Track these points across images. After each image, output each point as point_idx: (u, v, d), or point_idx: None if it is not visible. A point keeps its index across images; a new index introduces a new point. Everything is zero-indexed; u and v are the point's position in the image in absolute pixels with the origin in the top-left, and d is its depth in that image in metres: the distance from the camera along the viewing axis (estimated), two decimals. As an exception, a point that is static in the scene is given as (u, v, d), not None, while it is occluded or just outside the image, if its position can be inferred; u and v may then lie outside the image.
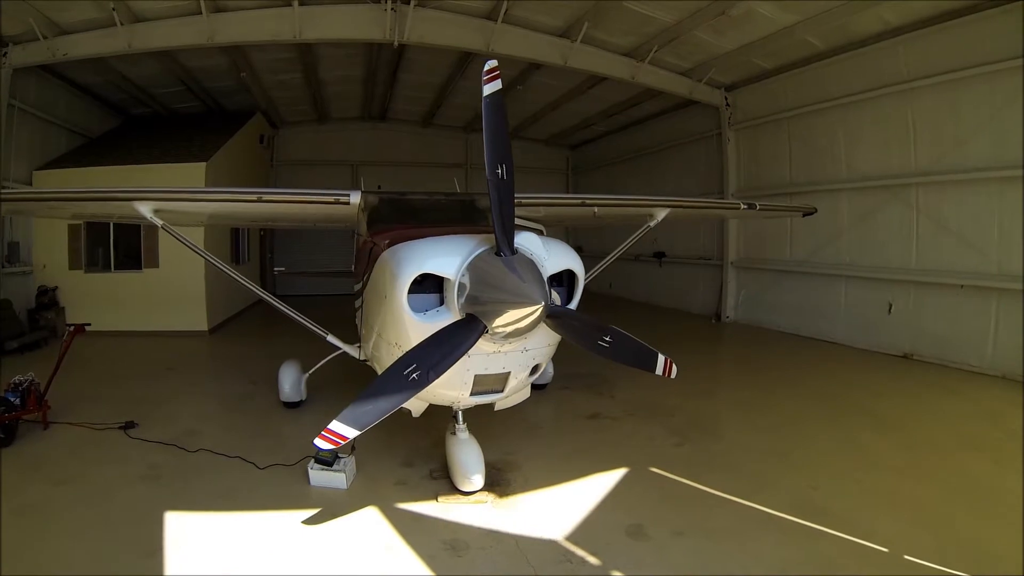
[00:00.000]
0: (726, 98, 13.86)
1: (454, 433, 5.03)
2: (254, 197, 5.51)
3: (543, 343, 4.07)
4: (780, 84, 12.13)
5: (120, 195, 5.31)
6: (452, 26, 9.84)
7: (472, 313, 3.43)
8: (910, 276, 9.83)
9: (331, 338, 6.08)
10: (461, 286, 3.54)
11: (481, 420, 5.10)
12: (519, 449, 5.72)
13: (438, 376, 3.34)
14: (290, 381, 6.85)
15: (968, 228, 8.94)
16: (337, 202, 5.79)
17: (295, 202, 5.88)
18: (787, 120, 12.33)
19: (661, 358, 4.19)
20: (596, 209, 7.66)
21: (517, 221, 5.98)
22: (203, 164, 10.84)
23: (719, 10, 9.22)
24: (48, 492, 4.60)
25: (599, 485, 4.99)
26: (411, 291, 3.67)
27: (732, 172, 14.08)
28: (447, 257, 3.60)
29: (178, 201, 5.66)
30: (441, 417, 5.13)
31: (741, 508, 4.60)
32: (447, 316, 3.60)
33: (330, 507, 4.45)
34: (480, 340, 3.45)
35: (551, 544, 4.05)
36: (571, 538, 4.11)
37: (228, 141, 12.64)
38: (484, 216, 6.31)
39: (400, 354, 3.71)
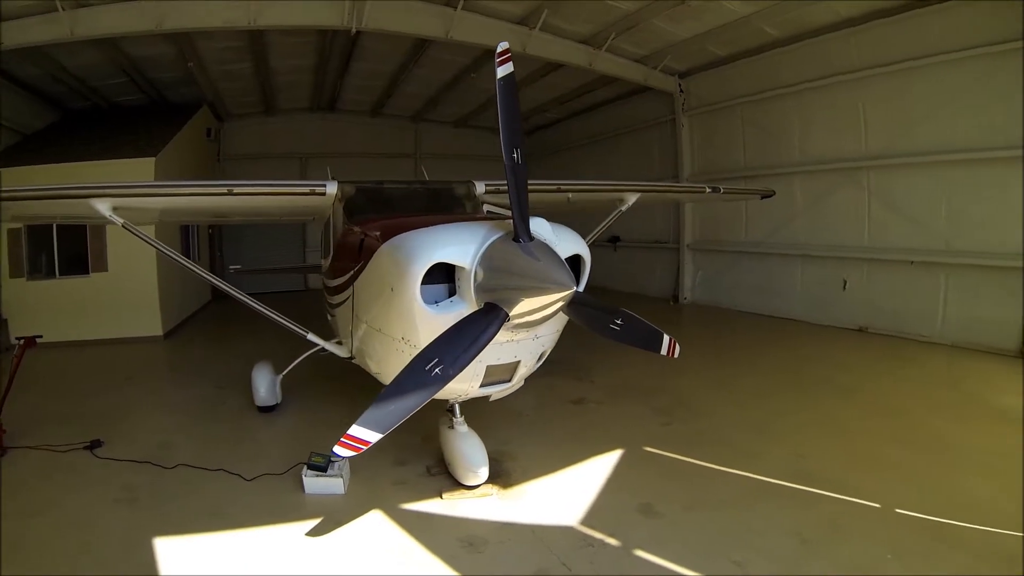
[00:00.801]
0: (680, 85, 14.36)
1: (452, 427, 5.05)
2: (224, 190, 5.31)
3: (551, 329, 4.10)
4: (734, 71, 12.68)
5: (75, 192, 5.03)
6: (411, 13, 9.75)
7: (491, 302, 3.36)
8: (863, 254, 10.59)
9: (311, 336, 6.01)
10: (475, 274, 3.49)
11: (469, 412, 5.10)
12: (511, 439, 5.82)
13: (461, 369, 3.26)
14: (265, 384, 6.68)
15: (917, 208, 9.72)
16: (313, 192, 5.76)
17: (269, 194, 5.74)
18: (741, 106, 12.91)
19: (666, 338, 4.38)
20: (570, 195, 7.89)
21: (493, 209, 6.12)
22: (152, 160, 10.32)
23: (680, -1, 9.55)
24: (21, 526, 4.25)
25: (599, 468, 5.17)
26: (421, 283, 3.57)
27: (687, 157, 14.65)
28: (461, 245, 3.52)
29: (140, 197, 5.39)
30: (425, 411, 5.09)
31: (738, 479, 4.90)
32: (462, 306, 3.55)
33: (332, 515, 4.35)
34: None
35: (568, 530, 4.15)
36: (585, 522, 4.24)
37: (176, 135, 12.09)
38: (462, 204, 6.36)
39: (408, 349, 3.73)
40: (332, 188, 5.76)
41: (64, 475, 5.13)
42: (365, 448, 3.18)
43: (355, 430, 3.16)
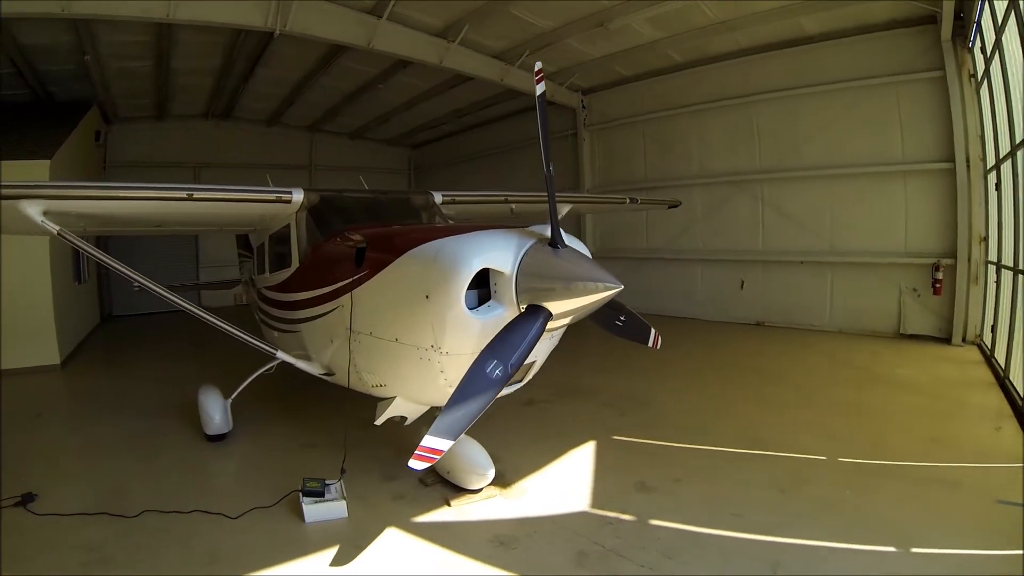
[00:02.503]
0: (582, 101, 15.77)
1: None
2: (183, 195, 5.09)
3: (562, 330, 4.39)
4: (637, 90, 14.26)
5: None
6: (336, 19, 9.84)
7: (533, 303, 3.67)
8: (758, 257, 12.46)
9: (280, 354, 5.94)
10: (515, 279, 3.73)
11: (417, 423, 5.17)
12: (484, 442, 6.09)
13: (517, 368, 3.54)
14: (219, 410, 6.45)
15: (806, 216, 11.75)
16: (279, 200, 5.74)
17: (233, 200, 5.56)
18: (642, 122, 14.51)
19: (652, 332, 5.14)
20: (513, 206, 8.60)
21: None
22: (47, 162, 9.29)
23: (598, 22, 10.70)
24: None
25: (581, 458, 5.79)
26: None
27: (587, 170, 16.05)
28: (501, 252, 3.72)
29: (82, 200, 4.88)
30: (388, 426, 5.13)
31: (704, 452, 5.82)
32: (500, 310, 3.74)
33: (347, 540, 4.29)
34: None
35: (584, 515, 4.66)
36: (595, 506, 4.80)
37: (70, 136, 11.03)
38: (420, 213, 6.67)
39: (436, 356, 3.96)
40: (299, 196, 5.80)
41: (5, 541, 4.33)
42: (438, 458, 3.37)
43: (428, 440, 3.34)
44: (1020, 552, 3.76)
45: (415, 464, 3.34)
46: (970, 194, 9.56)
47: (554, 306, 3.64)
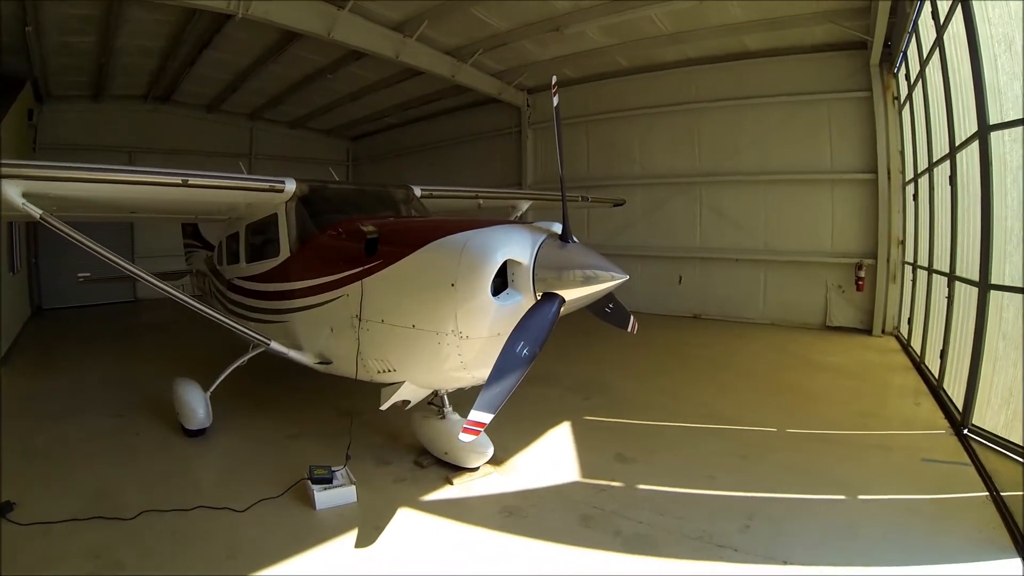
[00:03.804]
0: (528, 100, 16.40)
1: (443, 416, 5.74)
2: (178, 180, 5.13)
3: None
4: (583, 92, 15.00)
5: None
6: (298, 6, 9.80)
7: (548, 291, 4.13)
8: (696, 254, 13.57)
9: (274, 344, 5.96)
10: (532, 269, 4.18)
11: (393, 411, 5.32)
12: None
13: (541, 347, 3.97)
14: (202, 403, 6.35)
15: (742, 217, 12.96)
16: (272, 189, 5.85)
17: (227, 188, 5.62)
18: (586, 123, 15.29)
19: (631, 319, 5.78)
20: (481, 201, 9.09)
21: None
22: None
23: (555, 27, 11.30)
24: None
25: (559, 437, 6.34)
26: None
27: (530, 166, 16.74)
28: (521, 245, 4.14)
29: (68, 182, 4.74)
30: (374, 416, 5.41)
31: (670, 427, 6.58)
32: (518, 297, 4.16)
33: (365, 523, 4.49)
34: None
35: (578, 484, 5.20)
36: (586, 476, 5.35)
37: (5, 114, 10.29)
38: (400, 206, 6.93)
39: (455, 341, 4.30)
40: (291, 185, 5.94)
41: (-2, 556, 4.06)
42: (482, 430, 3.78)
43: (475, 415, 3.73)
44: (938, 497, 4.69)
45: (464, 437, 3.75)
46: (890, 202, 11.01)
47: (568, 293, 4.11)
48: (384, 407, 5.00)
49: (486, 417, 3.75)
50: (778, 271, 12.59)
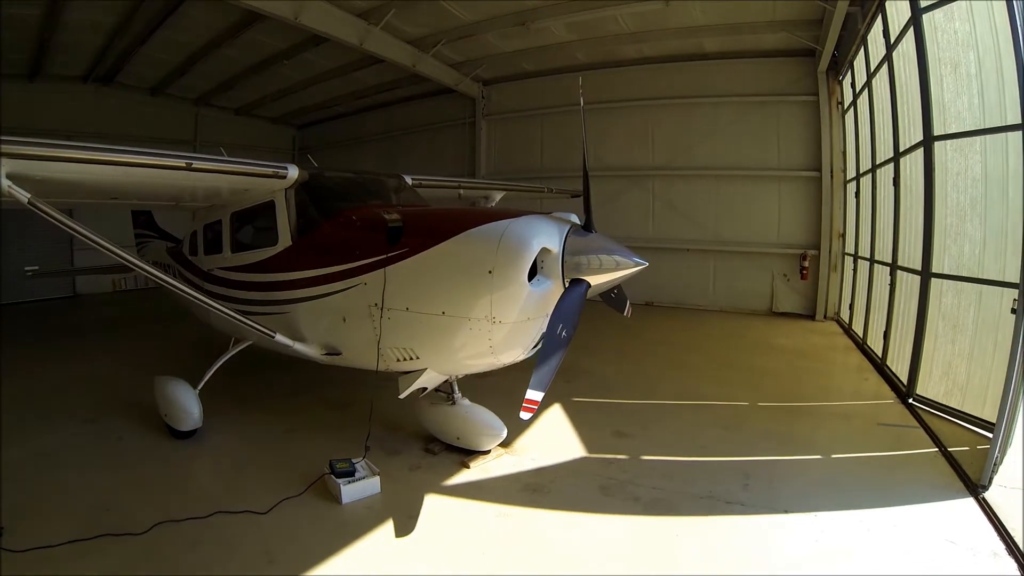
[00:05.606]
0: (482, 91, 16.68)
1: (452, 403, 5.98)
2: (182, 164, 4.91)
3: None
4: (538, 85, 15.53)
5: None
6: (268, -10, 9.73)
7: (576, 277, 4.46)
8: (648, 244, 14.26)
9: (279, 337, 5.79)
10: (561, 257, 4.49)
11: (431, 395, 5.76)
12: None
13: (575, 329, 4.31)
14: (194, 402, 6.13)
15: (693, 209, 13.89)
16: (275, 175, 5.71)
17: (231, 172, 5.41)
18: (541, 115, 15.83)
19: (628, 304, 6.32)
20: (461, 191, 9.41)
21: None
22: None
23: (521, 21, 11.65)
24: None
25: (555, 418, 6.77)
26: None
27: (483, 157, 17.10)
28: (551, 235, 4.42)
29: (59, 161, 4.30)
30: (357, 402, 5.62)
31: (656, 405, 7.18)
32: (548, 283, 4.42)
33: (397, 511, 4.58)
34: None
35: (588, 459, 5.63)
36: (592, 451, 5.81)
37: None
38: (394, 194, 7.01)
39: (488, 326, 4.55)
40: (293, 172, 5.82)
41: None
42: (536, 407, 4.05)
43: (530, 394, 4.02)
44: (898, 453, 5.53)
45: (524, 415, 4.03)
46: (832, 198, 12.19)
47: (593, 279, 4.49)
48: (403, 395, 5.06)
49: (539, 395, 4.03)
50: (727, 261, 13.64)
